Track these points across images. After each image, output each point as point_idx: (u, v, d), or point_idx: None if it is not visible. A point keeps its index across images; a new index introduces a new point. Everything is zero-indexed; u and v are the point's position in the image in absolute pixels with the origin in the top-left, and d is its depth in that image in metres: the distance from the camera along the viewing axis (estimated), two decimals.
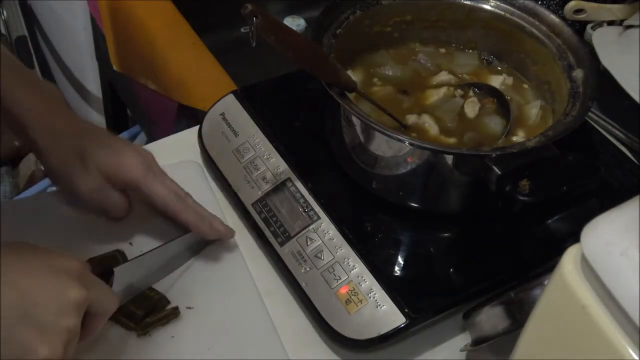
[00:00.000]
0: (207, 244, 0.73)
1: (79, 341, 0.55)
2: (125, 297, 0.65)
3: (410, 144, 0.67)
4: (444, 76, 0.82)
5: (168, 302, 0.68)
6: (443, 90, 0.80)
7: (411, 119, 0.77)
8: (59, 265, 0.55)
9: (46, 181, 1.48)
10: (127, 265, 0.65)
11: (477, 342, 0.65)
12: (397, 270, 0.70)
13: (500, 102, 0.79)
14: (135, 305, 0.66)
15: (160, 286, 0.69)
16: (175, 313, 0.67)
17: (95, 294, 0.56)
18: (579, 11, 0.88)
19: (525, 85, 0.83)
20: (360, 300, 0.66)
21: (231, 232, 0.73)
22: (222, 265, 0.72)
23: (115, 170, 0.69)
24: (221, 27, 1.16)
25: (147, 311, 0.66)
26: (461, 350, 0.68)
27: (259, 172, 0.76)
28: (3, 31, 1.78)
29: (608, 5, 0.89)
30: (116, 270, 0.62)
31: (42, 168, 1.59)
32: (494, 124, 0.78)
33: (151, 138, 1.27)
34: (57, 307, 0.52)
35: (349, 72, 0.76)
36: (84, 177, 0.69)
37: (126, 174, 0.69)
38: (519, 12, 0.81)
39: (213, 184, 0.80)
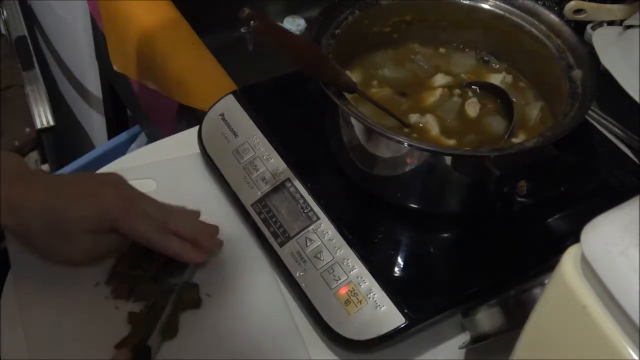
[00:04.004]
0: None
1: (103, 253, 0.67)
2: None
3: (409, 145, 0.67)
4: (442, 77, 0.82)
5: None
6: (439, 92, 0.80)
7: (413, 118, 0.76)
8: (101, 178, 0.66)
9: None
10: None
11: (476, 340, 0.65)
12: (396, 270, 0.70)
13: (503, 102, 0.79)
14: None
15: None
16: (196, 303, 0.68)
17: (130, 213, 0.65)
18: (578, 11, 0.88)
19: (525, 86, 0.83)
20: (360, 301, 0.66)
21: (219, 245, 0.72)
22: (240, 254, 0.73)
23: (97, 220, 0.66)
24: (221, 27, 1.16)
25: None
26: (460, 348, 0.68)
27: (258, 172, 0.76)
28: (3, 31, 1.78)
29: (608, 5, 0.89)
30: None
31: (42, 168, 1.59)
32: (496, 124, 0.77)
33: (151, 138, 1.27)
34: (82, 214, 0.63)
35: (347, 74, 0.76)
36: (72, 245, 0.66)
37: (106, 217, 0.66)
38: (518, 11, 0.81)
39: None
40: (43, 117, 1.55)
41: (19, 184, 0.64)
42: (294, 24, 1.19)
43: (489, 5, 0.82)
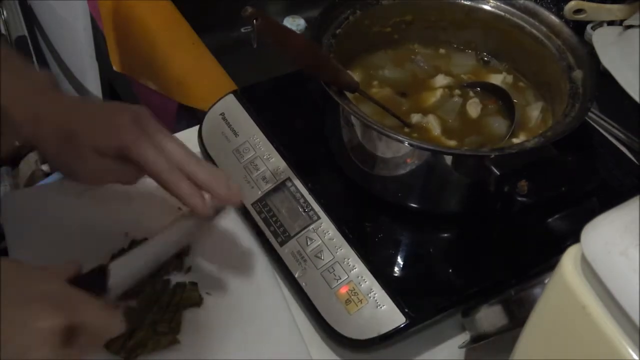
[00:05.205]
0: (210, 219, 0.66)
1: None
2: (123, 289, 0.61)
3: (410, 144, 0.67)
4: (442, 78, 0.82)
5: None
6: (440, 92, 0.80)
7: (415, 117, 0.77)
8: (35, 291, 0.51)
9: (46, 181, 1.48)
10: (121, 261, 0.61)
11: (476, 340, 0.65)
12: (397, 270, 0.70)
13: (504, 102, 0.79)
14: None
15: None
16: (197, 301, 0.68)
17: (83, 314, 0.52)
18: (578, 11, 0.88)
19: (525, 86, 0.83)
20: (360, 300, 0.66)
21: (237, 198, 0.64)
22: (241, 252, 0.73)
23: (107, 139, 0.63)
24: (221, 27, 1.16)
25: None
26: (460, 347, 0.68)
27: (259, 172, 0.76)
28: (3, 31, 1.78)
29: (608, 5, 0.89)
30: (111, 265, 0.59)
31: (42, 168, 1.59)
32: (498, 124, 0.77)
33: None
34: (27, 340, 0.49)
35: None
36: (81, 161, 0.64)
37: (115, 139, 0.62)
38: (518, 12, 0.81)
39: None
40: None
41: (45, 95, 0.65)
42: (294, 24, 1.19)
43: (489, 5, 0.82)
